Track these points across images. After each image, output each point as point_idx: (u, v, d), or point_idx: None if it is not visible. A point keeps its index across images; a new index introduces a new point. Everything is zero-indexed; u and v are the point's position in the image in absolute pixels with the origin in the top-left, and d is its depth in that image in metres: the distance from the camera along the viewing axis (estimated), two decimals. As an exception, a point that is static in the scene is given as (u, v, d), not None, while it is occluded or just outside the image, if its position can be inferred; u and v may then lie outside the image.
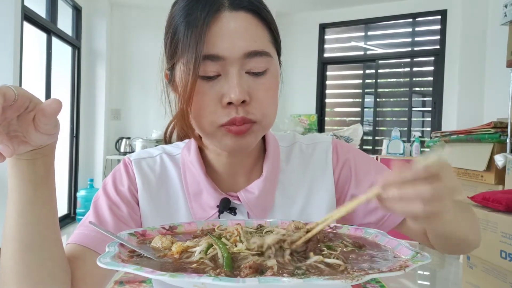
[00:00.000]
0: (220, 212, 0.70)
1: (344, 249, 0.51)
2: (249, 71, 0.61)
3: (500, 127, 2.78)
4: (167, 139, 0.84)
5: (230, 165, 0.72)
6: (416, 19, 4.52)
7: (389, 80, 4.77)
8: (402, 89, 4.63)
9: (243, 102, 0.60)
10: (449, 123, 4.13)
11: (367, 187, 0.74)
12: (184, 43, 0.60)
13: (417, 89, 4.61)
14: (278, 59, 0.69)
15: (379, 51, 4.77)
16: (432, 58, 4.42)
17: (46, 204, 0.56)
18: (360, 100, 4.82)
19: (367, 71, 4.80)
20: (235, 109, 0.60)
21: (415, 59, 4.57)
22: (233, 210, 0.71)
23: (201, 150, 0.74)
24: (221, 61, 0.60)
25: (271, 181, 0.73)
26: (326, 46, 4.99)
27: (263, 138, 0.76)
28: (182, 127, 0.71)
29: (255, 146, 0.72)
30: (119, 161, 4.26)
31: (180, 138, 0.84)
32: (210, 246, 0.48)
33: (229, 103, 0.60)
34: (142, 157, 0.76)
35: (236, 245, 0.49)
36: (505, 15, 2.84)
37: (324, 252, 0.48)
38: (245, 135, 0.63)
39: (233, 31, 0.60)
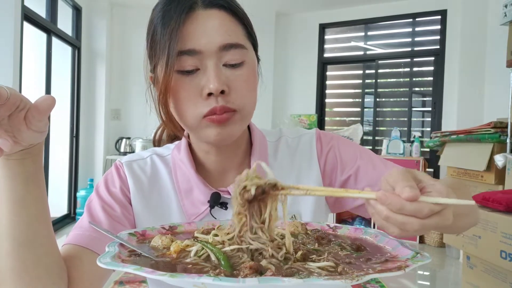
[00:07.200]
0: (211, 207, 0.71)
1: (340, 252, 0.50)
2: (226, 63, 0.64)
3: (500, 127, 2.78)
4: (156, 143, 0.87)
5: (219, 162, 0.74)
6: (416, 19, 4.51)
7: (389, 80, 4.76)
8: (402, 89, 4.63)
9: (222, 92, 0.63)
10: (449, 123, 4.13)
11: (353, 172, 0.75)
12: (161, 42, 0.63)
13: (417, 89, 4.60)
14: (256, 54, 0.71)
15: (379, 51, 4.76)
16: (432, 58, 4.42)
17: (38, 202, 0.57)
18: (360, 100, 4.81)
19: (367, 71, 4.80)
20: (215, 99, 0.63)
21: (415, 59, 4.56)
22: (224, 205, 0.72)
23: (191, 149, 0.76)
24: (198, 55, 0.63)
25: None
26: (326, 46, 4.99)
27: (250, 133, 0.78)
28: (171, 129, 0.73)
29: (243, 142, 0.75)
30: (119, 161, 4.25)
31: (171, 139, 0.86)
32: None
33: (209, 94, 0.63)
34: (133, 159, 0.78)
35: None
36: (505, 15, 2.83)
37: (312, 256, 0.47)
38: (227, 124, 0.65)
39: (208, 27, 0.63)
